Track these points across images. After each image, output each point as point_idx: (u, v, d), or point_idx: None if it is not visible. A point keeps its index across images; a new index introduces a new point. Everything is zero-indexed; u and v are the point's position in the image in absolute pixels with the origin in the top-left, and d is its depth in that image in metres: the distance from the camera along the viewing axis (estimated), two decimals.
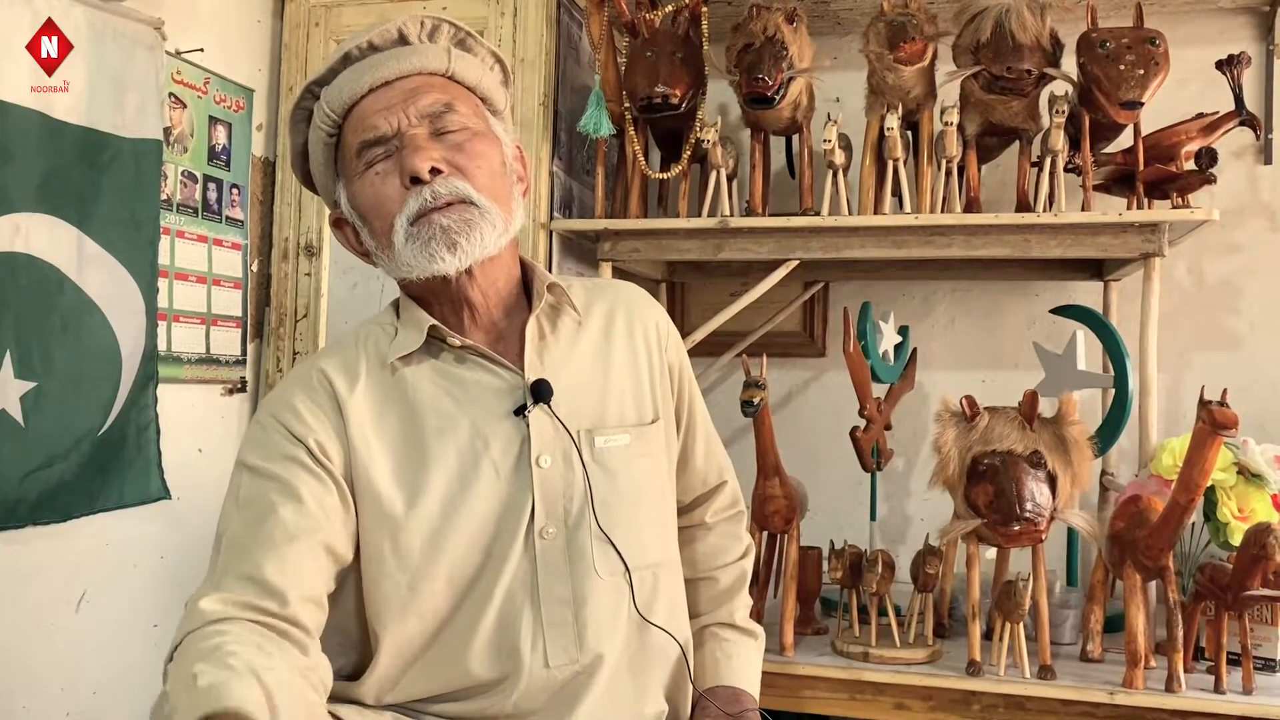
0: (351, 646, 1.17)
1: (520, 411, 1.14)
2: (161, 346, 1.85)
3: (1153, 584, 1.75)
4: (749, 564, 1.41)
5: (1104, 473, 2.16)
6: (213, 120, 2.01)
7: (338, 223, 1.22)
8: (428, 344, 1.17)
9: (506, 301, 1.21)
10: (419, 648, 1.13)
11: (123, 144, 1.75)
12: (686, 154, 2.06)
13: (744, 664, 1.34)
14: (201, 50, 1.95)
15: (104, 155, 1.72)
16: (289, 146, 1.26)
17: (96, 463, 1.73)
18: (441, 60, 1.17)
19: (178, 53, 1.90)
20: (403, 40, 1.18)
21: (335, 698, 1.10)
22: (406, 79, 1.15)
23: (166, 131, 1.87)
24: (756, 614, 1.49)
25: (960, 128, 1.95)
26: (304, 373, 1.18)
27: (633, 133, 2.07)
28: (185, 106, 1.94)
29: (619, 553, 1.15)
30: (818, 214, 1.99)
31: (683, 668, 1.23)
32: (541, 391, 1.14)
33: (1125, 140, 2.00)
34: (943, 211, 1.95)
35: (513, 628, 1.12)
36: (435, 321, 1.16)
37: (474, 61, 1.21)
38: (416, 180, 1.10)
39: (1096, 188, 2.02)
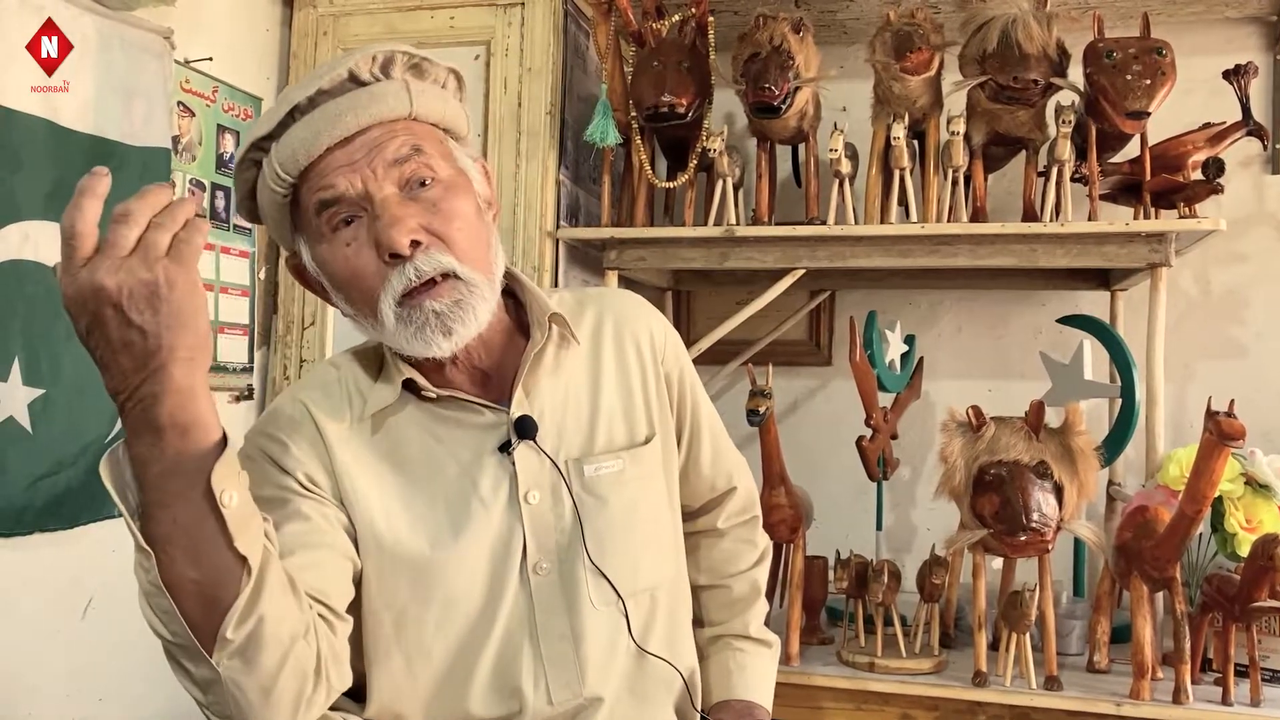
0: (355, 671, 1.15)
1: (505, 449, 1.12)
2: None
3: (1160, 595, 1.75)
4: (764, 571, 1.39)
5: (1110, 483, 2.16)
6: (221, 128, 2.01)
7: (297, 270, 1.15)
8: (407, 386, 1.13)
9: (489, 342, 1.14)
10: (411, 686, 1.11)
11: (131, 152, 1.76)
12: (692, 163, 2.06)
13: (756, 675, 1.32)
14: (210, 59, 1.96)
15: (112, 163, 1.72)
16: (235, 191, 1.15)
17: None
18: (402, 103, 1.06)
19: (186, 61, 1.91)
20: (355, 81, 1.06)
21: (338, 707, 1.10)
22: (367, 131, 1.04)
23: (175, 139, 1.87)
24: None
25: (966, 137, 1.95)
26: (290, 408, 1.13)
27: (639, 142, 2.07)
28: (194, 115, 1.95)
29: (610, 583, 1.13)
30: (824, 223, 1.99)
31: (687, 694, 1.21)
32: (526, 428, 1.11)
33: (1132, 150, 2.00)
34: (949, 221, 1.95)
35: (513, 667, 1.10)
36: (410, 375, 1.11)
37: (434, 91, 1.10)
38: (395, 255, 1.02)
39: (1103, 197, 2.02)
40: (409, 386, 1.12)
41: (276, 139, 1.06)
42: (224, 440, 0.87)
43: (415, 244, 1.03)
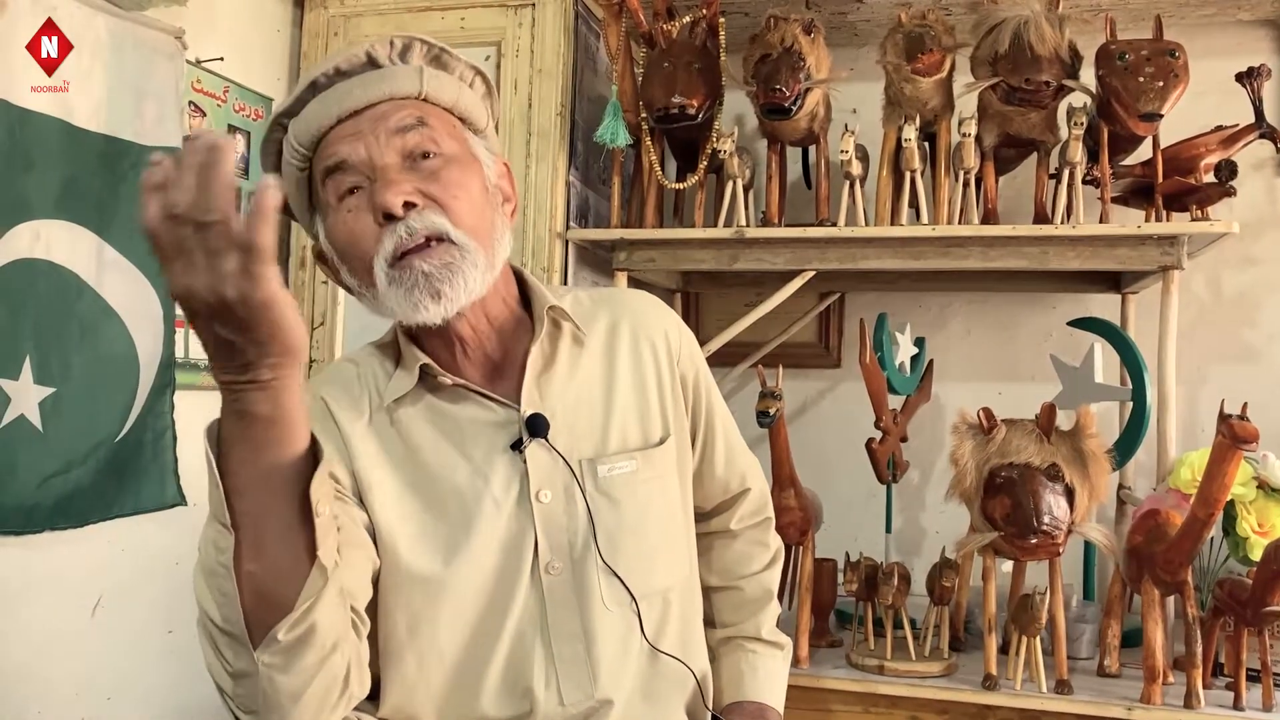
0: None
1: (517, 447, 1.11)
2: (179, 353, 1.86)
3: (1171, 599, 1.74)
4: (776, 573, 1.39)
5: (1121, 486, 2.15)
6: (232, 128, 2.02)
7: (319, 256, 1.16)
8: (422, 379, 1.13)
9: (502, 330, 1.16)
10: (423, 687, 1.11)
11: (143, 152, 1.76)
12: (703, 164, 2.06)
13: (768, 676, 1.32)
14: (221, 59, 1.96)
15: (124, 163, 1.73)
16: (262, 168, 1.18)
17: (113, 468, 1.73)
18: (413, 82, 1.09)
19: (198, 61, 1.92)
20: (372, 64, 1.10)
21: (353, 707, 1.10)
22: (376, 106, 1.07)
23: (186, 139, 1.88)
24: None
25: (978, 139, 1.94)
26: (310, 404, 1.11)
27: (649, 143, 2.07)
28: (205, 115, 1.95)
29: (624, 584, 1.13)
30: (834, 225, 1.99)
31: (699, 696, 1.21)
32: (537, 426, 1.11)
33: (1144, 152, 2.00)
34: (960, 223, 1.94)
35: (525, 667, 1.10)
36: (426, 361, 1.12)
37: (449, 80, 1.13)
38: (390, 216, 1.03)
39: (1115, 200, 2.02)
40: (424, 374, 1.13)
41: (295, 115, 1.10)
42: (314, 448, 0.89)
43: (410, 205, 1.04)
